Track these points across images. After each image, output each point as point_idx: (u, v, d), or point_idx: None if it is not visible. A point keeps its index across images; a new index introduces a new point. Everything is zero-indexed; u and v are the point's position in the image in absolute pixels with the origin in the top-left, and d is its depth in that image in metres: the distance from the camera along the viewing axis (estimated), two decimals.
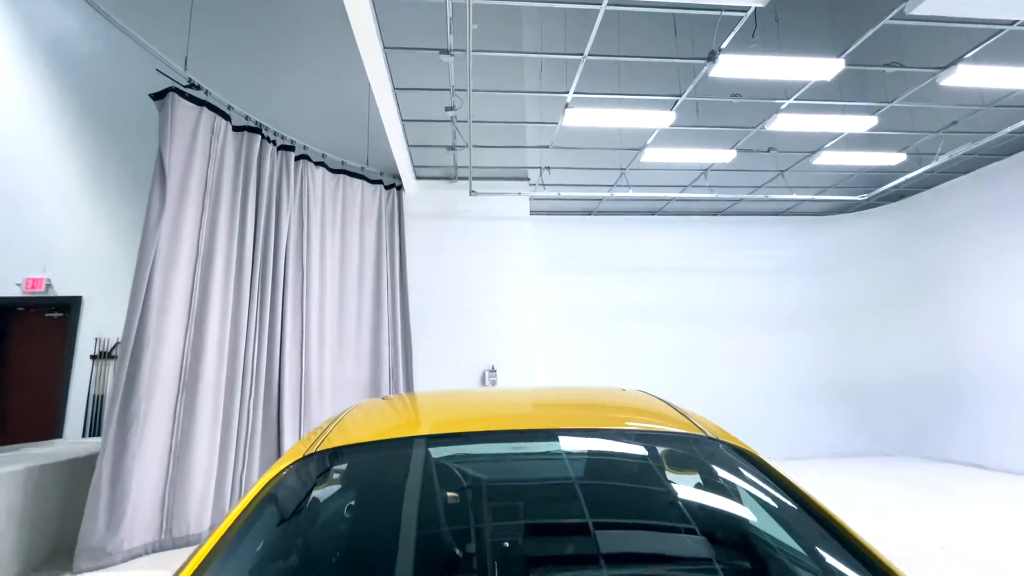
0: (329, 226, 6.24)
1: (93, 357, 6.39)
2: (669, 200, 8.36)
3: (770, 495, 0.99)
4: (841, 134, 6.29)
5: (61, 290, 6.47)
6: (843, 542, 0.88)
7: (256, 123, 5.41)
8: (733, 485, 1.03)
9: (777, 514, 0.95)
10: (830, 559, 0.86)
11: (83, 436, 6.19)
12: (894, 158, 6.58)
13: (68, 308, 6.51)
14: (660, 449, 1.13)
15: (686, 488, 1.07)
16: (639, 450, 1.12)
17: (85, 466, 4.38)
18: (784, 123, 5.43)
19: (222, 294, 4.74)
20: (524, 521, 0.98)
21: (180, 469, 4.19)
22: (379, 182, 6.96)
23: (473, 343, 6.90)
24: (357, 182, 6.70)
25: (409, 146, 6.47)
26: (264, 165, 5.40)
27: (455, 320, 6.95)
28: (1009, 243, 6.84)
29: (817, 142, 6.54)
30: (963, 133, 6.30)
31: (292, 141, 5.88)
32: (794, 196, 7.62)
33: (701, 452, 1.11)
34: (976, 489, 5.66)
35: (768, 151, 6.76)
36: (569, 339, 8.27)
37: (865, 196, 7.59)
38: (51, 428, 6.27)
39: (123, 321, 6.31)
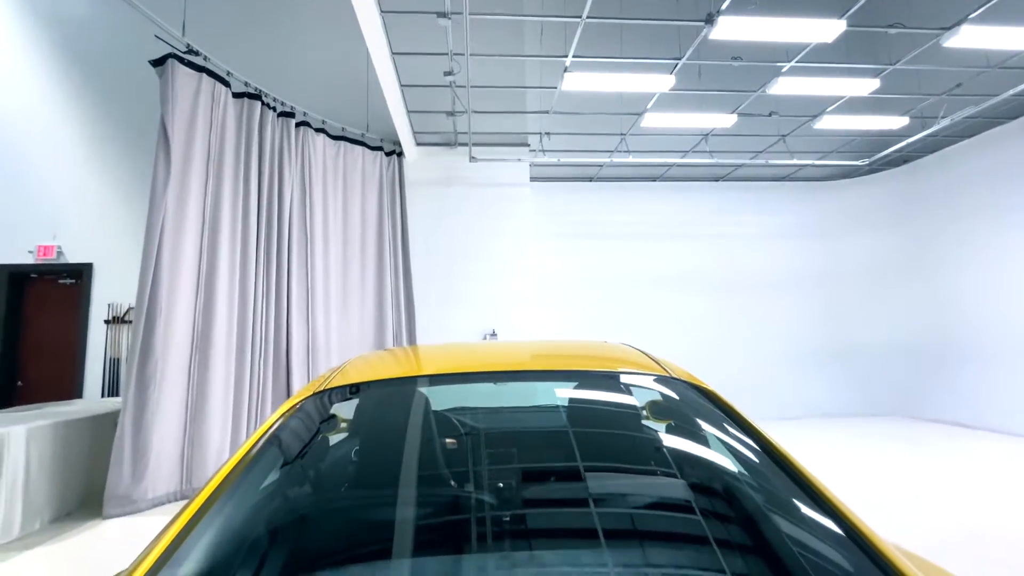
0: (331, 192, 6.32)
1: (107, 322, 6.61)
2: (670, 166, 8.35)
3: (719, 422, 1.14)
4: (843, 97, 6.24)
5: (72, 257, 6.64)
6: (779, 463, 1.03)
7: (256, 89, 5.42)
8: (689, 415, 1.18)
9: (724, 437, 1.10)
10: (767, 476, 1.01)
11: (101, 397, 6.46)
12: (897, 122, 6.54)
13: (80, 275, 6.68)
14: (629, 385, 1.29)
15: (649, 418, 1.24)
16: (609, 385, 1.28)
17: (107, 422, 4.64)
18: (785, 87, 5.40)
19: (229, 260, 4.89)
20: (510, 428, 1.17)
21: (197, 425, 4.44)
22: (379, 148, 6.99)
23: (474, 308, 7.07)
24: (358, 149, 6.74)
25: (409, 112, 6.46)
26: (265, 132, 5.45)
27: (456, 286, 7.10)
28: (1008, 206, 6.86)
29: (819, 106, 6.50)
30: (967, 96, 6.23)
31: (292, 108, 5.89)
32: (795, 161, 7.60)
33: (665, 388, 1.27)
34: (954, 445, 5.89)
35: (769, 115, 6.72)
36: (569, 304, 8.43)
37: (866, 161, 7.56)
38: (71, 390, 6.55)
39: (134, 287, 6.52)
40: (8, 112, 6.66)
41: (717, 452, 1.09)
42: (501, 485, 0.99)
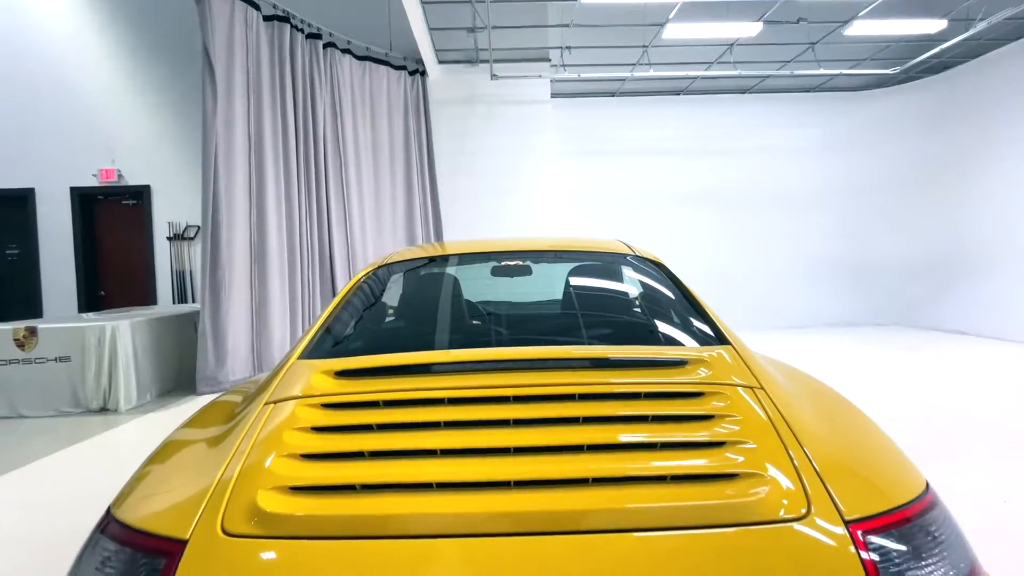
0: (360, 113, 6.64)
1: (169, 239, 7.37)
2: (693, 79, 8.22)
3: (661, 277, 1.66)
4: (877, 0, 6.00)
5: (131, 180, 7.28)
6: (685, 295, 1.55)
7: (283, 12, 5.62)
8: (646, 272, 1.70)
9: (660, 286, 1.63)
10: (695, 320, 1.51)
11: (173, 303, 7.38)
12: (934, 25, 6.29)
13: (140, 196, 7.37)
14: (605, 259, 1.81)
15: (615, 282, 1.78)
16: (588, 259, 1.84)
17: (187, 321, 5.48)
18: None
19: (274, 180, 5.41)
20: (514, 277, 1.86)
21: (261, 322, 5.23)
22: (403, 68, 7.15)
23: (500, 225, 7.52)
24: (382, 68, 6.93)
25: (430, 29, 6.55)
26: (296, 55, 5.72)
27: (483, 204, 7.51)
28: None
29: (850, 10, 6.26)
30: None
31: (319, 29, 6.08)
32: (823, 71, 7.42)
33: (630, 261, 1.78)
34: (945, 349, 6.30)
35: (797, 22, 6.52)
36: (592, 220, 8.76)
37: (898, 69, 7.32)
38: (145, 298, 7.48)
39: (189, 206, 7.19)
40: (57, 44, 7.04)
41: (655, 289, 1.63)
42: (508, 313, 1.58)
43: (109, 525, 0.86)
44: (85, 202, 7.36)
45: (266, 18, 5.48)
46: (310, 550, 0.75)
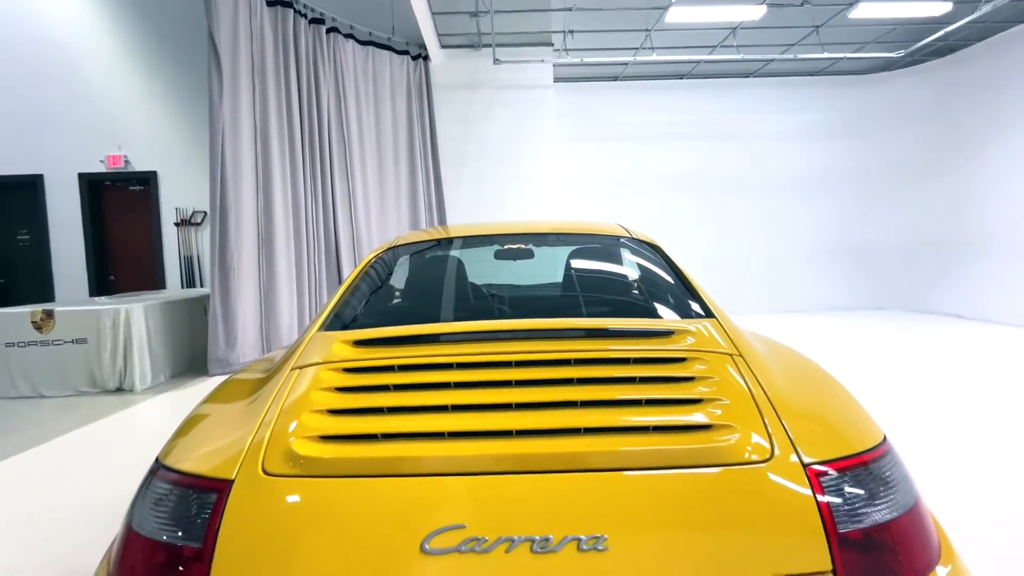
0: (363, 99, 6.68)
1: (176, 224, 7.47)
2: (696, 63, 8.20)
3: (657, 258, 1.76)
4: None
5: (138, 165, 7.36)
6: (678, 274, 1.65)
7: None
8: (642, 254, 1.80)
9: (654, 267, 1.72)
10: (685, 296, 1.62)
11: (181, 288, 7.52)
12: (939, 7, 6.26)
13: (147, 182, 7.45)
14: (604, 242, 1.92)
15: (613, 262, 1.87)
16: (588, 241, 1.94)
17: (197, 304, 5.61)
18: None
19: (280, 166, 5.49)
20: (516, 260, 1.99)
21: (269, 305, 5.35)
22: (406, 52, 7.16)
23: (503, 210, 7.58)
24: (385, 53, 6.95)
25: (433, 13, 6.55)
26: (300, 40, 5.76)
27: (486, 188, 7.57)
28: None
29: None
30: None
31: (321, 14, 6.10)
32: (827, 55, 7.39)
33: (626, 243, 1.87)
34: (936, 331, 6.40)
35: (801, 4, 6.49)
36: (595, 204, 8.80)
37: (902, 53, 7.29)
38: (154, 283, 7.61)
39: (195, 192, 7.27)
40: (63, 31, 7.06)
41: (650, 269, 1.73)
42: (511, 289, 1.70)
43: (160, 471, 0.98)
44: (93, 188, 7.45)
45: (269, 3, 5.50)
46: (337, 486, 0.87)
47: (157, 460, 1.02)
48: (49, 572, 1.92)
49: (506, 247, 1.94)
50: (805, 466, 0.88)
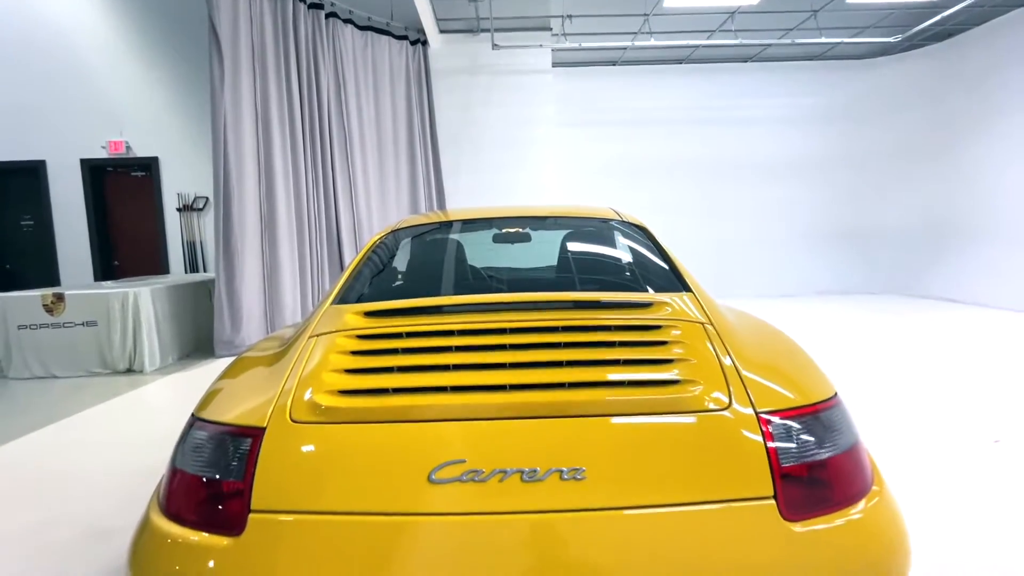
0: (363, 85, 6.72)
1: (179, 210, 7.56)
2: (695, 48, 8.21)
3: (644, 238, 1.88)
4: None
5: (139, 152, 7.42)
6: (661, 252, 1.77)
7: None
8: (630, 235, 1.92)
9: (640, 248, 1.84)
10: (667, 273, 1.74)
11: (185, 273, 7.63)
12: None
13: (148, 168, 7.52)
14: (596, 224, 2.05)
15: (603, 243, 2.00)
16: (581, 224, 2.06)
17: (202, 288, 5.74)
18: None
19: (281, 152, 5.56)
20: (513, 244, 2.12)
21: (273, 289, 5.48)
22: (404, 37, 7.18)
23: (502, 194, 7.66)
24: (384, 39, 6.97)
25: None
26: (299, 25, 5.79)
27: (484, 174, 7.64)
28: None
29: None
30: None
31: None
32: (825, 40, 7.41)
33: (616, 226, 2.00)
34: (928, 315, 6.54)
35: None
36: (593, 190, 8.88)
37: (900, 37, 7.31)
38: (157, 268, 7.72)
39: (197, 177, 7.35)
40: (65, 17, 7.07)
41: (636, 249, 1.86)
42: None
43: (196, 423, 1.11)
44: (95, 174, 7.52)
45: None
46: (356, 430, 1.03)
47: (193, 415, 1.16)
48: (81, 525, 2.09)
49: (503, 231, 2.07)
50: (757, 414, 1.03)
